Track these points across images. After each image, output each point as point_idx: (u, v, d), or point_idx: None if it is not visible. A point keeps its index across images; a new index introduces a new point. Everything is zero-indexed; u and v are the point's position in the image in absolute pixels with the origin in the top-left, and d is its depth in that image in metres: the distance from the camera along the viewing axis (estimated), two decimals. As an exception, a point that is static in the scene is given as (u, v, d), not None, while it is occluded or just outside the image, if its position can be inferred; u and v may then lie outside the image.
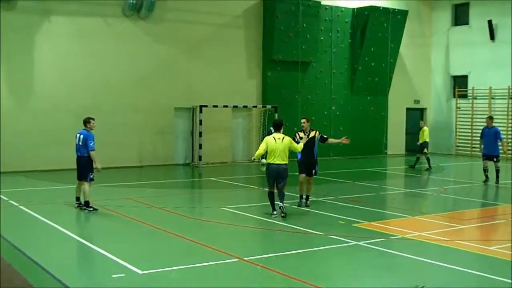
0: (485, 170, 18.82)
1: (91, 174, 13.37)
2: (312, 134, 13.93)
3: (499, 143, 18.69)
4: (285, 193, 12.85)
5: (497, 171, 18.55)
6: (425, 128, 23.30)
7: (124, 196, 15.63)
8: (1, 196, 15.10)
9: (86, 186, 13.33)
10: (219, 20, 24.50)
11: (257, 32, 25.43)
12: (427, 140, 23.21)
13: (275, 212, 12.77)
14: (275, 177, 12.59)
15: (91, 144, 13.23)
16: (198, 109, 23.29)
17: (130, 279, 8.27)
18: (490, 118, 19.20)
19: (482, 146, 18.99)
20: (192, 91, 23.79)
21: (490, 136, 18.62)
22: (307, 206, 13.99)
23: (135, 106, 22.63)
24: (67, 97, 21.39)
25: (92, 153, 13.23)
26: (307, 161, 13.89)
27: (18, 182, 18.11)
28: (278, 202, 12.67)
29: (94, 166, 13.36)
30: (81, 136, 13.36)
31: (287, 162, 12.61)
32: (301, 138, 13.65)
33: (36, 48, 20.95)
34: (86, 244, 10.30)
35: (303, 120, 14.07)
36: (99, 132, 21.55)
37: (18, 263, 8.96)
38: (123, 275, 8.40)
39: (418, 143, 23.21)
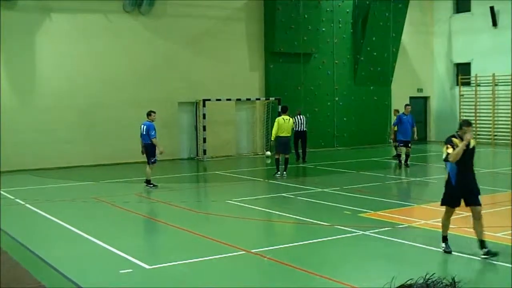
0: (399, 156, 19.80)
1: (152, 159, 15.92)
2: (472, 143, 9.17)
3: (413, 129, 19.65)
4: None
5: (407, 156, 19.59)
6: None
7: (130, 191, 15.67)
8: (7, 195, 15.17)
9: (148, 168, 15.97)
10: (220, 13, 24.45)
11: (258, 24, 25.37)
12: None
13: (278, 173, 17.53)
14: (284, 145, 17.39)
15: (153, 133, 15.80)
16: (201, 103, 23.28)
17: (138, 274, 8.30)
18: (409, 105, 20.38)
19: (397, 132, 19.79)
20: (195, 85, 23.76)
21: (408, 123, 19.54)
22: (490, 254, 8.72)
23: (138, 101, 22.58)
24: (70, 94, 21.40)
25: (154, 140, 15.83)
26: (465, 186, 9.04)
27: (23, 180, 18.14)
28: (284, 173, 17.48)
29: (158, 150, 15.90)
30: (144, 127, 15.98)
31: (290, 134, 17.82)
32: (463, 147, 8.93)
33: (37, 46, 20.94)
34: (93, 240, 10.32)
35: (467, 129, 9.22)
36: (103, 128, 21.91)
37: (25, 261, 8.99)
38: (130, 270, 8.43)
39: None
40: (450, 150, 8.86)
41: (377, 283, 7.83)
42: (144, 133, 16.01)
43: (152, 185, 16.04)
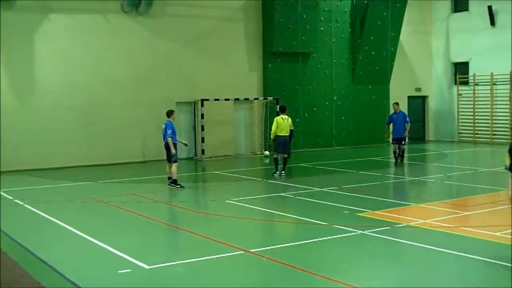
0: (395, 153, 20.57)
1: (173, 158, 15.83)
2: None
3: (406, 126, 20.33)
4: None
5: (403, 152, 20.46)
6: None
7: (129, 191, 15.67)
8: (6, 195, 15.17)
9: (172, 167, 15.93)
10: (219, 13, 24.45)
11: (257, 24, 25.39)
12: None
13: (277, 173, 17.78)
14: (283, 145, 17.65)
15: (169, 132, 15.82)
16: (199, 102, 23.29)
17: (137, 274, 8.29)
18: (397, 104, 20.97)
19: (391, 131, 20.75)
20: (193, 85, 23.79)
21: (399, 121, 20.40)
22: None
23: (136, 101, 22.65)
24: (69, 94, 21.42)
25: (168, 139, 15.77)
26: None
27: (22, 181, 18.14)
28: (282, 172, 17.72)
29: (172, 150, 15.78)
30: (163, 126, 16.07)
31: (289, 133, 17.77)
32: None
33: (36, 46, 20.95)
34: (92, 240, 10.32)
35: None
36: (101, 129, 21.92)
37: (24, 261, 9.00)
38: (129, 270, 8.43)
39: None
40: (507, 162, 8.26)
41: (376, 282, 7.85)
42: (163, 132, 16.25)
43: (179, 186, 16.01)
